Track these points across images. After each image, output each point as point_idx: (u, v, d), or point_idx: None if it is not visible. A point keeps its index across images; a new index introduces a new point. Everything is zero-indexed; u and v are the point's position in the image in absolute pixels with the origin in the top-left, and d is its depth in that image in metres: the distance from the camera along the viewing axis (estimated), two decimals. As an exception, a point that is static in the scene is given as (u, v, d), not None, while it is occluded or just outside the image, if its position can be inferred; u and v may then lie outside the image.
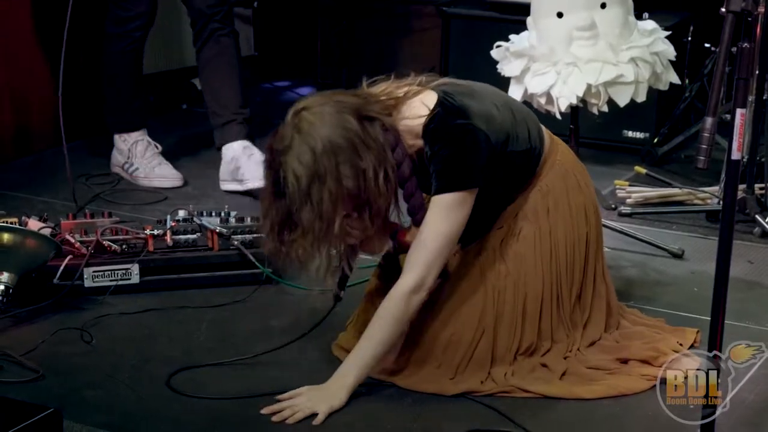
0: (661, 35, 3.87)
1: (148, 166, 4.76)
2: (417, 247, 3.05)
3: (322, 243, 2.98)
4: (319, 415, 2.93)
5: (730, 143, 2.62)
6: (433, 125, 3.01)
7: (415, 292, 3.03)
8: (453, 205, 3.03)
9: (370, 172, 2.93)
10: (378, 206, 2.99)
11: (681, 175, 4.77)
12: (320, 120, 2.92)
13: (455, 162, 3.02)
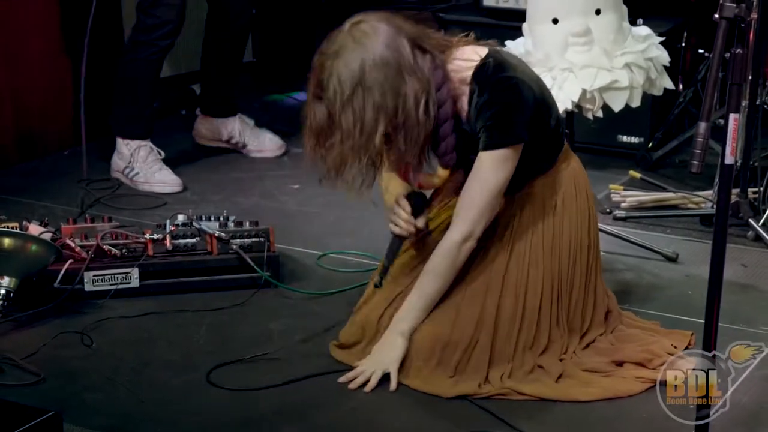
0: (655, 41, 3.86)
1: (148, 171, 4.75)
2: (466, 201, 3.12)
3: (361, 153, 2.99)
4: (392, 375, 3.07)
5: (723, 148, 2.62)
6: (483, 72, 3.05)
7: (467, 240, 3.12)
8: (501, 159, 3.08)
9: (411, 99, 2.97)
10: (415, 134, 3.02)
11: (675, 180, 4.76)
12: (375, 35, 2.96)
13: (504, 117, 3.06)
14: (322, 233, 4.23)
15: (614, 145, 5.08)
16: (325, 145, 3.01)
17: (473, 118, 3.08)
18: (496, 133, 3.06)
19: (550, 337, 3.20)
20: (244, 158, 5.04)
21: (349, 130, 2.95)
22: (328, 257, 4.01)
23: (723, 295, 2.74)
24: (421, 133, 3.02)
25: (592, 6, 3.74)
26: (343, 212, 4.44)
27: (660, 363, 3.20)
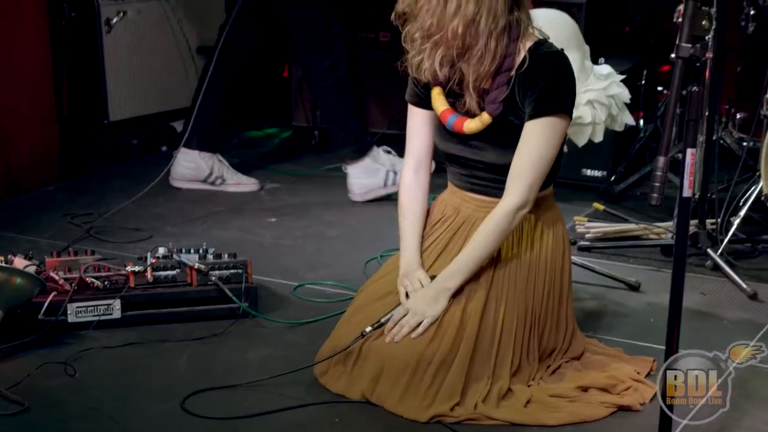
0: (616, 79, 3.89)
1: (233, 176, 5.06)
2: (517, 171, 3.14)
3: (433, 11, 3.04)
4: (425, 321, 3.10)
5: (681, 181, 2.65)
6: (539, 48, 3.13)
7: (521, 209, 3.15)
8: (550, 127, 3.12)
9: (484, 25, 3.03)
10: (480, 55, 3.07)
11: (637, 211, 4.78)
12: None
13: (554, 88, 3.11)
14: (297, 265, 4.22)
15: (578, 179, 5.11)
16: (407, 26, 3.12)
17: (523, 83, 3.12)
18: (546, 101, 3.10)
19: (520, 363, 3.20)
20: (223, 192, 5.04)
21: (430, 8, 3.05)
22: (303, 288, 4.00)
23: (683, 323, 2.77)
24: (487, 56, 3.08)
25: (557, 46, 3.77)
26: (318, 245, 4.45)
27: (624, 388, 3.21)
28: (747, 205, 4.39)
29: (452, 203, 3.35)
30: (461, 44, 3.07)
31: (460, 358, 3.10)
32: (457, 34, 3.04)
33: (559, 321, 3.32)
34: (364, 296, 3.34)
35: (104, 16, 5.31)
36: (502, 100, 3.14)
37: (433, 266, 3.26)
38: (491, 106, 3.16)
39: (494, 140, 3.19)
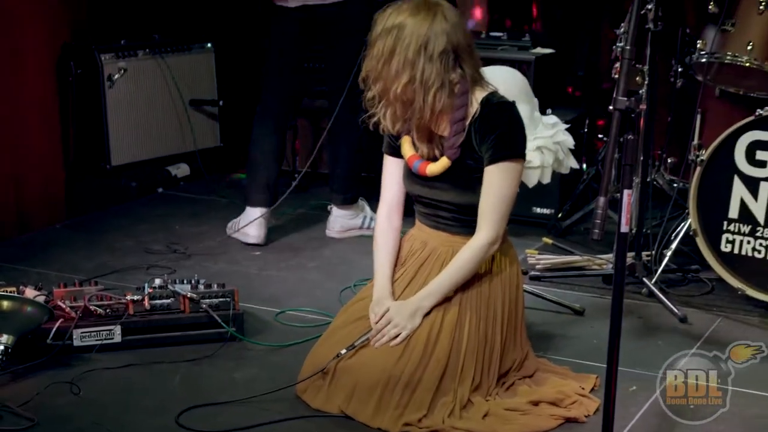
0: (561, 128, 3.91)
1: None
2: (489, 209, 3.18)
3: (380, 77, 3.10)
4: (403, 334, 3.12)
5: (619, 218, 2.66)
6: (491, 99, 3.17)
7: (494, 243, 3.20)
8: (512, 170, 3.17)
9: (419, 86, 3.07)
10: (420, 109, 3.10)
11: (581, 245, 4.79)
12: (438, 14, 3.10)
13: (508, 135, 3.14)
14: (280, 294, 4.21)
15: (529, 216, 5.11)
16: (366, 54, 3.16)
17: (478, 131, 3.15)
18: (502, 147, 3.13)
19: (481, 380, 3.21)
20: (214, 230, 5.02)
21: (378, 52, 3.10)
22: (285, 314, 3.99)
23: (622, 343, 2.77)
24: (425, 112, 3.11)
25: (509, 98, 3.79)
26: (298, 275, 4.44)
27: (570, 402, 3.22)
28: (677, 239, 4.40)
29: (420, 238, 3.37)
30: (403, 103, 3.12)
31: (430, 375, 3.11)
32: (398, 95, 3.09)
33: (515, 342, 3.34)
34: (342, 319, 3.35)
35: (107, 72, 5.31)
36: (460, 146, 3.17)
37: (402, 294, 3.28)
38: (450, 151, 3.19)
39: (454, 181, 3.22)
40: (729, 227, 4.12)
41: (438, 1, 3.15)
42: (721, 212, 4.12)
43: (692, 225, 4.17)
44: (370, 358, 3.13)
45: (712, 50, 4.33)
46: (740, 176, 4.08)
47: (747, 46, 4.25)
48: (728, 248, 4.13)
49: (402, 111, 3.17)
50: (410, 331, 3.14)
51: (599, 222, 2.67)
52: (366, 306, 3.28)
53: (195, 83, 5.83)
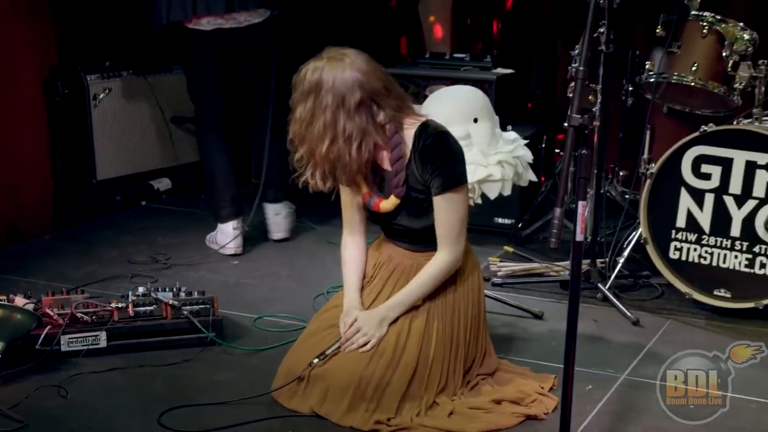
0: (521, 143, 3.91)
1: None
2: (445, 234, 3.17)
3: (304, 139, 3.06)
4: (372, 342, 3.10)
5: (574, 228, 2.67)
6: (426, 129, 3.13)
7: (456, 261, 3.20)
8: (458, 196, 3.15)
9: (342, 143, 3.04)
10: (347, 164, 3.07)
11: (540, 253, 4.80)
12: (347, 66, 3.05)
13: (447, 165, 3.11)
14: (257, 300, 4.20)
15: (491, 226, 5.12)
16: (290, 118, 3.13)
17: (417, 165, 3.12)
18: (444, 179, 3.11)
19: (447, 382, 3.21)
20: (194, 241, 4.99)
21: (300, 115, 3.07)
22: (262, 319, 3.98)
23: (578, 345, 2.78)
24: (353, 165, 3.08)
25: (471, 116, 3.79)
26: (275, 283, 4.43)
27: (531, 401, 3.23)
28: (629, 247, 4.42)
29: (385, 251, 3.38)
30: (330, 161, 3.09)
31: (398, 379, 3.11)
32: (324, 155, 3.06)
33: (478, 344, 3.34)
34: (314, 326, 3.34)
35: (92, 92, 5.29)
36: (404, 183, 3.17)
37: (371, 305, 3.28)
38: (396, 190, 3.19)
39: (407, 212, 3.23)
40: (677, 236, 4.13)
41: (345, 52, 3.08)
42: (669, 222, 4.14)
43: (643, 234, 4.19)
44: (341, 363, 3.13)
45: (660, 71, 4.36)
46: (687, 188, 4.10)
47: (692, 67, 4.29)
48: (676, 255, 4.14)
49: (330, 168, 3.12)
50: (378, 338, 3.13)
51: (556, 231, 2.68)
52: (337, 314, 3.27)
53: (176, 102, 5.81)
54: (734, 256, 4.03)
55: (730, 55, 4.27)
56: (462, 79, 5.15)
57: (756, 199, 3.97)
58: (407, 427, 3.05)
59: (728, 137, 4.02)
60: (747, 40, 4.30)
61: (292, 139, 3.12)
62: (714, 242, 4.07)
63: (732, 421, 2.95)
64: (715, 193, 4.05)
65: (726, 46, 4.28)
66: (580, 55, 2.77)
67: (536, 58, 5.98)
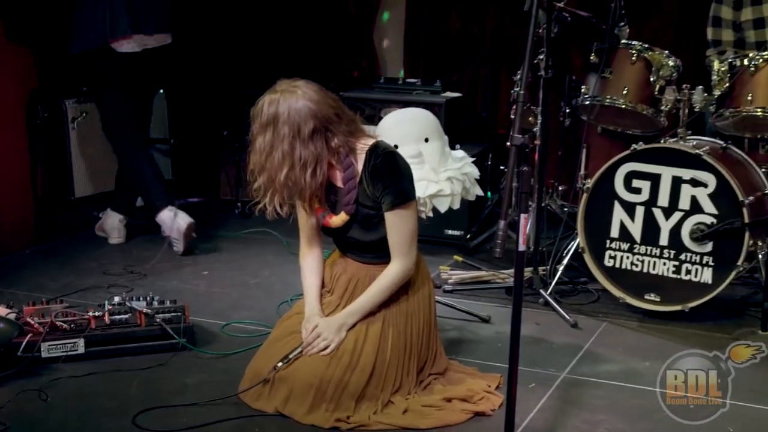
0: (468, 161, 3.93)
1: None
2: (397, 246, 3.17)
3: (264, 169, 3.06)
4: (331, 346, 3.11)
5: (517, 238, 2.68)
6: (376, 150, 3.14)
7: (408, 271, 3.20)
8: (407, 212, 3.15)
9: (299, 171, 3.04)
10: (302, 189, 3.08)
11: (487, 262, 4.81)
12: (299, 98, 3.04)
13: (396, 183, 3.12)
14: (225, 308, 4.18)
15: (442, 237, 5.13)
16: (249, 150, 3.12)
17: (368, 184, 3.13)
18: (394, 197, 3.12)
19: (401, 383, 3.21)
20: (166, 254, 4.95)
21: (259, 147, 3.06)
22: (230, 326, 3.96)
23: (522, 346, 2.79)
24: (308, 189, 3.08)
25: (422, 136, 3.80)
26: (241, 292, 4.41)
27: (479, 398, 3.24)
28: (568, 256, 4.45)
29: (341, 263, 3.38)
30: (288, 188, 3.10)
31: (356, 381, 3.11)
32: (282, 182, 3.07)
33: (429, 347, 3.34)
34: (278, 332, 3.33)
35: (70, 115, 5.25)
36: (355, 201, 3.18)
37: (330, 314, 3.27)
38: (346, 207, 3.20)
39: (358, 227, 3.23)
40: (611, 245, 4.17)
41: (297, 84, 3.09)
42: (604, 232, 4.17)
43: (580, 243, 4.22)
44: (303, 366, 3.12)
45: (594, 94, 4.40)
46: (619, 201, 4.14)
47: (623, 91, 4.33)
48: (611, 263, 4.18)
49: (288, 194, 3.13)
50: (337, 343, 3.14)
51: (500, 242, 2.70)
52: (299, 321, 3.27)
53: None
54: (663, 263, 4.07)
55: (656, 80, 4.33)
56: (414, 102, 5.17)
57: (682, 211, 4.02)
58: (365, 424, 3.06)
59: (656, 155, 4.07)
60: (672, 67, 4.36)
61: (252, 170, 3.12)
62: (644, 251, 4.11)
63: (557, 421, 2.95)
64: (645, 206, 4.09)
65: (653, 71, 4.33)
66: (521, 80, 2.79)
67: (482, 82, 6.01)
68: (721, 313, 4.13)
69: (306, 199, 3.19)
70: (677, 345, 3.80)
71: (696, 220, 3.99)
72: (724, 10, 4.81)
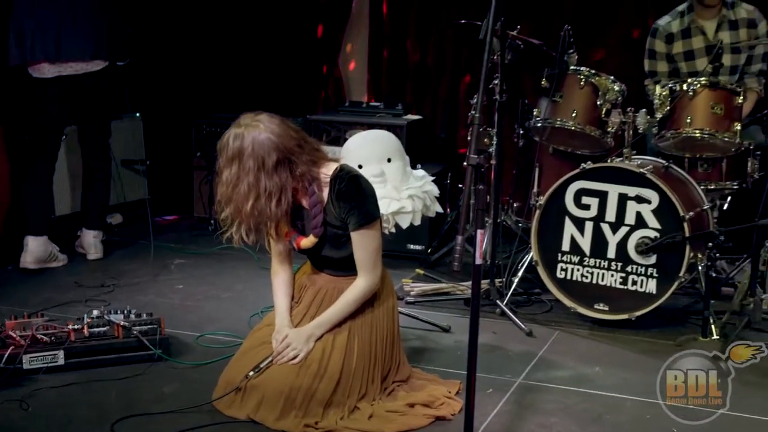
0: (429, 179, 3.94)
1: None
2: (363, 263, 3.18)
3: (231, 200, 3.05)
4: (300, 356, 3.11)
5: (474, 252, 2.70)
6: (340, 175, 3.13)
7: (374, 286, 3.20)
8: (372, 230, 3.15)
9: (264, 202, 3.04)
10: (268, 218, 3.07)
11: (447, 275, 4.82)
12: (263, 130, 3.04)
13: (360, 205, 3.11)
14: (199, 320, 4.15)
15: (404, 251, 5.14)
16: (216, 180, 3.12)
17: (334, 206, 3.13)
18: (359, 218, 3.12)
19: (367, 389, 3.21)
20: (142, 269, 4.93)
21: (225, 178, 3.06)
22: (204, 337, 3.94)
23: (480, 354, 2.80)
24: (273, 217, 3.08)
25: (385, 156, 3.82)
26: (215, 305, 4.39)
27: (440, 403, 3.24)
28: (523, 269, 4.47)
29: (310, 277, 3.38)
30: (254, 217, 3.09)
31: (324, 388, 3.10)
32: (249, 212, 3.07)
33: (393, 356, 3.35)
34: (250, 342, 3.32)
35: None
36: (322, 224, 3.19)
37: (299, 324, 3.27)
38: (315, 231, 3.20)
39: (329, 246, 3.24)
40: (562, 258, 4.19)
41: (259, 118, 3.08)
42: (556, 246, 4.19)
43: (534, 257, 4.24)
44: (274, 375, 3.11)
45: (546, 117, 4.43)
46: (570, 217, 4.16)
47: (572, 114, 4.37)
48: (562, 275, 4.20)
49: (255, 223, 3.12)
50: (306, 353, 3.13)
51: (458, 256, 2.70)
52: (270, 332, 3.26)
53: (126, 146, 5.75)
54: (611, 274, 4.10)
55: (603, 104, 4.38)
56: (377, 125, 5.18)
57: (628, 226, 4.06)
58: (333, 429, 3.05)
59: (603, 173, 4.10)
60: (617, 91, 4.42)
61: (219, 201, 3.11)
62: (593, 263, 4.14)
63: (513, 425, 2.97)
64: (593, 221, 4.12)
65: (600, 95, 4.38)
66: (477, 103, 2.80)
67: (441, 106, 6.05)
68: (665, 321, 4.17)
69: (272, 227, 3.20)
70: (625, 351, 3.84)
71: (641, 234, 4.03)
72: (657, 44, 4.92)
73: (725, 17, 4.78)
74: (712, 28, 4.80)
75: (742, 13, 4.78)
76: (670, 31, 4.87)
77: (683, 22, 4.85)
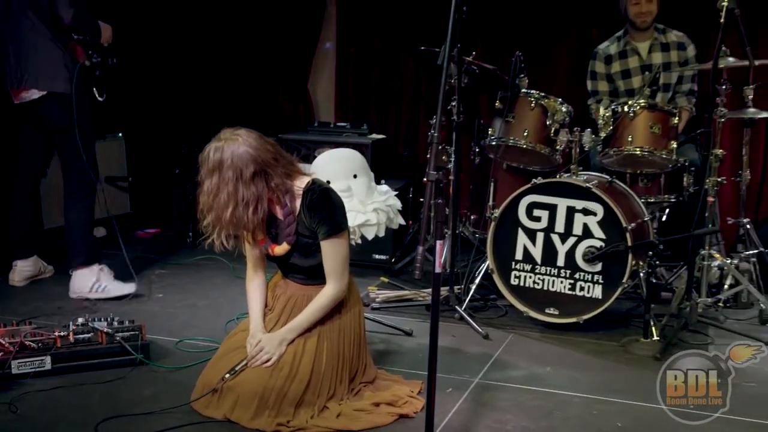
0: (392, 194, 3.94)
1: (113, 283, 4.54)
2: (332, 270, 3.18)
3: (212, 208, 3.04)
4: (273, 359, 3.10)
5: (434, 262, 2.71)
6: (312, 188, 3.14)
7: (342, 293, 3.20)
8: (340, 241, 3.15)
9: (242, 210, 3.03)
10: (245, 225, 3.07)
11: (410, 282, 4.83)
12: (241, 144, 3.03)
13: (329, 216, 3.11)
14: (178, 327, 4.13)
15: (370, 261, 5.14)
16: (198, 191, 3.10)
17: (306, 217, 3.13)
18: (328, 228, 3.12)
19: (335, 389, 3.20)
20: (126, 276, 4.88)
21: (207, 188, 3.05)
22: (183, 342, 3.91)
23: (440, 356, 2.79)
24: (250, 225, 3.08)
25: (351, 172, 3.82)
26: (193, 312, 4.36)
27: (403, 402, 3.24)
28: (480, 276, 4.48)
29: (282, 284, 3.38)
30: (233, 224, 3.09)
31: (295, 389, 3.09)
32: (228, 220, 3.07)
33: (360, 358, 3.34)
34: (226, 347, 3.30)
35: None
36: (295, 233, 3.19)
37: (272, 329, 3.26)
38: (288, 239, 3.20)
39: (299, 254, 3.23)
40: (516, 266, 4.20)
41: (238, 133, 3.09)
42: (510, 255, 4.21)
43: (490, 265, 4.25)
44: (248, 377, 3.10)
45: (499, 136, 4.46)
46: (523, 228, 4.18)
47: (524, 133, 4.41)
48: (516, 282, 4.21)
49: (234, 229, 3.13)
50: (278, 356, 3.12)
51: (419, 265, 2.70)
52: (244, 337, 3.25)
53: (109, 164, 5.71)
54: (560, 281, 4.13)
55: (552, 124, 4.42)
56: (344, 143, 5.19)
57: (575, 236, 4.09)
58: (303, 427, 3.04)
59: (553, 188, 4.13)
60: (565, 112, 4.46)
61: (201, 209, 3.10)
62: (544, 271, 4.16)
63: (470, 422, 2.98)
64: (544, 232, 4.15)
65: (549, 116, 4.42)
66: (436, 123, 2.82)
67: (403, 126, 6.07)
68: (610, 324, 4.20)
69: (249, 233, 3.19)
70: (574, 352, 3.87)
71: (587, 244, 4.06)
72: (598, 65, 5.01)
73: (657, 40, 4.90)
74: (645, 49, 4.92)
75: (673, 38, 4.91)
76: (609, 53, 4.98)
77: (620, 44, 4.96)
